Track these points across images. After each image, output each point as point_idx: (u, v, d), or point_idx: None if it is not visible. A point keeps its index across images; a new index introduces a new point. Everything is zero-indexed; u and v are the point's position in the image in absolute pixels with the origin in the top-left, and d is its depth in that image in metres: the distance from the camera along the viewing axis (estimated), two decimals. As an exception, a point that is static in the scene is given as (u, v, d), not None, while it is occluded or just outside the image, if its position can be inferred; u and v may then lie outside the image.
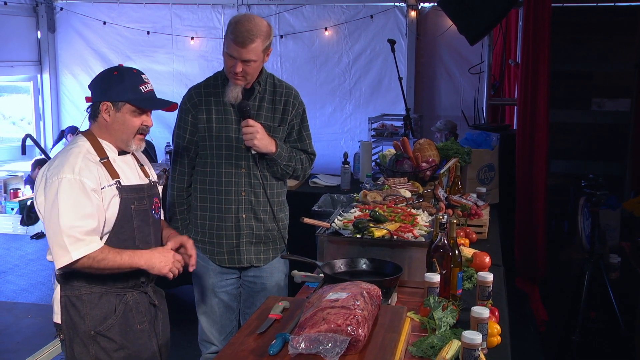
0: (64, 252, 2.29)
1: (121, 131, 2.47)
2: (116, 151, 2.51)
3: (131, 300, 2.52)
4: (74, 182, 2.31)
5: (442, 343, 2.07)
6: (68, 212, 2.29)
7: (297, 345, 1.78)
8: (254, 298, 3.18)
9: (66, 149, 2.44)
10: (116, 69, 2.47)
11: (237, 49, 2.82)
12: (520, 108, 4.68)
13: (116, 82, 2.42)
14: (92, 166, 2.38)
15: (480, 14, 4.78)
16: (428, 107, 7.29)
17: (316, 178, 5.46)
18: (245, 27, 2.81)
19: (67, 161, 2.35)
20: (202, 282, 3.15)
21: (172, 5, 7.62)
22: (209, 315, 3.17)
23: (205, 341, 3.22)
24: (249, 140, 2.91)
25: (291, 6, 7.32)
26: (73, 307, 2.44)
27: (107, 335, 2.45)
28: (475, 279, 2.68)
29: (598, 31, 5.78)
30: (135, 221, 2.48)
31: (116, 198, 2.42)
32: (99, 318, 2.45)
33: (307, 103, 7.82)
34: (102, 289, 2.46)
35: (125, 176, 2.49)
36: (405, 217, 2.99)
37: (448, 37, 6.92)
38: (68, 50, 8.07)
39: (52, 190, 2.31)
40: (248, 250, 3.09)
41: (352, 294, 1.96)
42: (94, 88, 2.47)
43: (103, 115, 2.44)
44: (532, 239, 4.66)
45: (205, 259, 3.10)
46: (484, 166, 4.35)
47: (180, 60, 7.69)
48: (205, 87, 3.04)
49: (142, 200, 2.52)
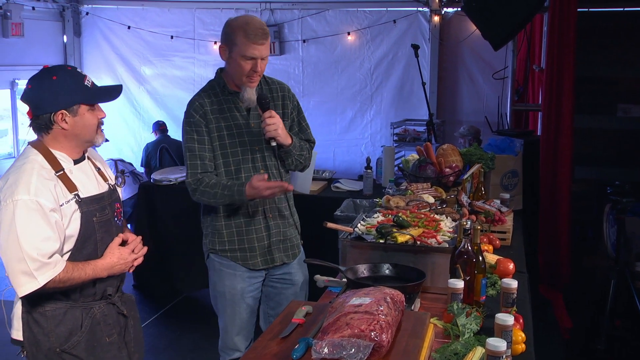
0: (28, 279, 2.16)
1: (83, 133, 2.35)
2: (71, 160, 2.38)
3: (99, 313, 2.42)
4: (30, 203, 2.16)
5: (466, 350, 2.05)
6: (28, 236, 2.15)
7: (320, 350, 1.78)
8: (280, 297, 3.19)
9: (18, 165, 2.29)
10: (53, 73, 2.29)
11: (258, 48, 2.85)
12: (544, 114, 4.64)
13: (61, 87, 2.27)
14: (48, 183, 2.23)
15: (504, 18, 4.74)
16: (451, 112, 7.25)
17: (338, 183, 5.46)
18: (258, 25, 2.86)
19: (21, 180, 2.20)
20: (229, 289, 3.10)
21: (196, 10, 7.68)
22: (236, 322, 3.13)
23: (230, 349, 3.16)
24: (272, 130, 2.90)
25: (314, 11, 7.33)
26: (36, 324, 2.32)
27: (72, 352, 2.34)
28: (499, 285, 2.65)
29: (624, 36, 5.70)
30: (98, 234, 2.37)
31: (77, 213, 2.30)
32: (64, 335, 2.33)
33: (327, 108, 7.84)
34: (68, 304, 2.35)
35: (83, 187, 2.36)
36: (429, 223, 2.98)
37: (471, 42, 6.88)
38: (93, 54, 8.16)
39: (7, 213, 2.17)
40: (278, 248, 3.11)
41: (375, 299, 1.96)
42: (37, 101, 2.28)
43: (60, 125, 2.29)
44: (556, 245, 4.61)
45: (232, 265, 3.08)
46: (507, 172, 4.31)
47: (202, 65, 7.73)
48: (207, 97, 3.00)
49: (104, 210, 2.40)
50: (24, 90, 2.33)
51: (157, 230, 5.61)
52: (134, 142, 7.99)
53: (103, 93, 2.41)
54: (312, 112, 7.29)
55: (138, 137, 7.99)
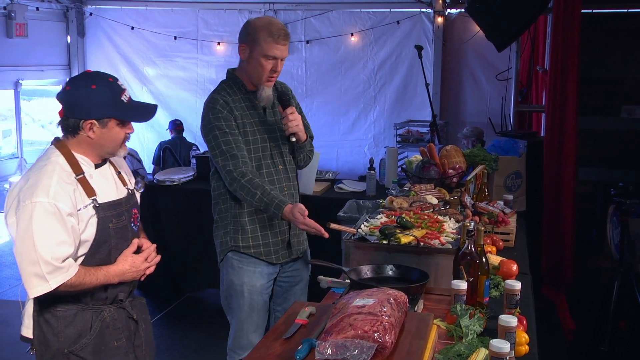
0: (40, 282, 2.18)
1: (107, 145, 2.37)
2: (93, 164, 2.40)
3: (108, 317, 2.43)
4: (48, 206, 2.18)
5: (469, 351, 2.05)
6: (44, 239, 2.17)
7: (323, 350, 1.78)
8: (288, 293, 3.24)
9: (40, 165, 2.31)
10: (93, 81, 2.31)
11: (280, 48, 2.92)
12: (548, 115, 4.64)
13: (97, 97, 2.28)
14: (68, 187, 2.25)
15: (508, 20, 4.74)
16: (454, 113, 7.24)
17: (342, 184, 5.46)
18: (280, 26, 2.95)
19: (41, 182, 2.22)
20: (248, 287, 3.10)
21: (199, 10, 7.69)
22: (253, 320, 3.13)
23: (243, 347, 3.13)
24: (294, 126, 2.97)
25: (317, 11, 7.33)
26: (47, 323, 2.34)
27: (80, 354, 2.35)
28: (502, 286, 2.65)
29: (628, 38, 5.70)
30: (113, 240, 2.38)
31: (93, 218, 2.31)
32: (74, 336, 2.35)
33: (331, 109, 7.82)
34: (79, 307, 2.36)
35: (102, 192, 2.37)
36: (432, 224, 2.98)
37: (475, 43, 6.87)
38: (96, 54, 8.17)
39: (25, 214, 2.18)
40: (295, 242, 3.17)
41: (378, 300, 1.95)
42: (71, 104, 2.30)
43: (87, 133, 2.31)
44: (560, 246, 4.60)
45: (253, 262, 3.09)
46: (511, 173, 4.30)
47: (205, 66, 7.73)
48: (228, 95, 3.03)
49: (121, 216, 2.41)
50: (62, 89, 2.36)
51: (160, 230, 5.61)
52: (137, 142, 8.00)
53: (137, 111, 2.41)
54: (316, 112, 7.29)
55: (141, 137, 8.00)
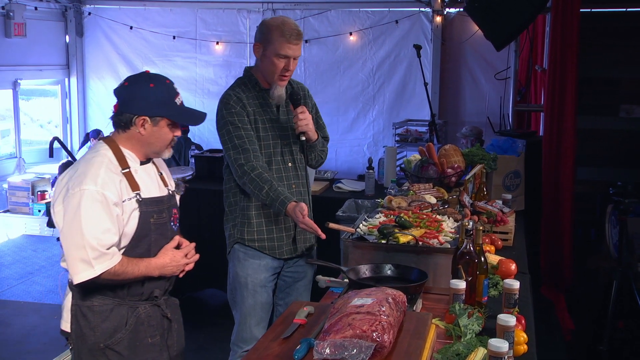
0: (86, 267, 2.24)
1: (155, 144, 2.43)
2: (138, 161, 2.46)
3: (143, 314, 2.47)
4: (96, 194, 2.25)
5: (468, 350, 2.05)
6: (90, 226, 2.23)
7: (322, 350, 1.78)
8: (291, 288, 3.29)
9: (88, 157, 2.38)
10: (151, 80, 2.39)
11: (292, 47, 2.99)
12: (547, 114, 4.63)
13: (153, 95, 2.36)
14: (115, 178, 2.33)
15: (507, 19, 4.73)
16: (453, 113, 7.25)
17: (340, 183, 5.46)
18: (293, 25, 3.00)
19: (90, 172, 2.29)
20: (252, 279, 3.15)
21: (198, 10, 7.68)
22: (256, 312, 3.17)
23: (246, 341, 3.17)
24: (304, 125, 3.03)
25: (316, 11, 7.33)
26: (84, 317, 2.39)
27: (115, 349, 2.40)
28: (501, 286, 2.65)
29: (627, 37, 5.69)
30: (154, 235, 2.44)
31: (136, 212, 2.37)
32: (109, 331, 2.39)
33: (330, 108, 7.83)
34: (115, 301, 2.41)
35: (145, 187, 2.43)
36: (431, 223, 2.98)
37: (474, 42, 6.87)
38: (95, 54, 8.17)
39: (73, 201, 2.25)
40: (300, 239, 3.21)
41: (377, 299, 1.95)
42: (128, 99, 2.38)
43: (138, 129, 2.38)
44: (558, 246, 4.60)
45: (257, 255, 3.15)
46: (509, 173, 4.30)
47: (203, 65, 7.73)
48: (242, 92, 3.10)
49: (162, 213, 2.47)
50: (120, 84, 2.43)
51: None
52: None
53: (188, 115, 2.50)
54: (315, 112, 7.29)
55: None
